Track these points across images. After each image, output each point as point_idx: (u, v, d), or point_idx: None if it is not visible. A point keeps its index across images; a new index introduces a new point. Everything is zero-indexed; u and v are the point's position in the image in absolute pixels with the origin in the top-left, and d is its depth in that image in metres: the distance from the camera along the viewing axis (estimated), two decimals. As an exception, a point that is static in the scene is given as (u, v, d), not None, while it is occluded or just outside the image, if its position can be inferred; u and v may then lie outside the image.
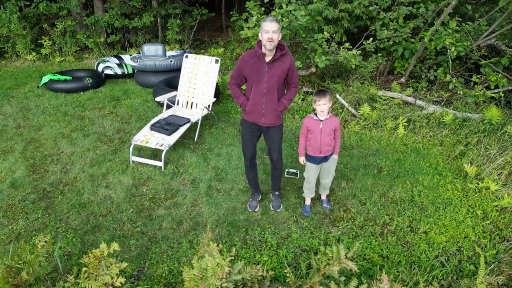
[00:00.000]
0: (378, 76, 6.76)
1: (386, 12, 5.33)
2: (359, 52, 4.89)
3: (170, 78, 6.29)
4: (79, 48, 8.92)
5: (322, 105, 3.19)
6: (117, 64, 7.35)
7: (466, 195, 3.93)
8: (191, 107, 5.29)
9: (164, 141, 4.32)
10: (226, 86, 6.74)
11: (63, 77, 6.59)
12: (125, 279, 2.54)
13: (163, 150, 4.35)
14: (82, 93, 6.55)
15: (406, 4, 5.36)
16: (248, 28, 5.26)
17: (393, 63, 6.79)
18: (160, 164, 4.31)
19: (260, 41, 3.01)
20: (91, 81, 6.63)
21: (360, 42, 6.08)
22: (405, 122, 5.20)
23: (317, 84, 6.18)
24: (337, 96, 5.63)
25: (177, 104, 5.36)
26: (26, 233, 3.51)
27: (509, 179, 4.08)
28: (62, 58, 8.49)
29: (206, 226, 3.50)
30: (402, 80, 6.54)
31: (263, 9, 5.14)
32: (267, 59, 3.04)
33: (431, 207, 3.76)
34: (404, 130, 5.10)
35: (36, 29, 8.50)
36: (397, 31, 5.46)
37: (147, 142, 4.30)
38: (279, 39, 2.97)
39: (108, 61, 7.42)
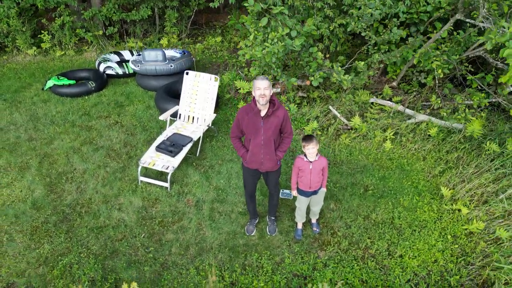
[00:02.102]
0: (370, 77, 7.01)
1: (377, 36, 5.51)
2: (350, 77, 5.16)
3: (170, 85, 6.54)
4: (78, 39, 9.00)
5: (311, 149, 3.58)
6: (117, 63, 7.53)
7: (440, 217, 4.42)
8: (193, 122, 5.62)
9: (169, 163, 4.72)
10: (224, 88, 7.00)
11: (67, 82, 6.82)
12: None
13: (168, 173, 4.75)
14: (86, 97, 6.82)
15: (398, 24, 5.52)
16: (246, 45, 5.47)
17: (385, 67, 7.02)
18: (166, 185, 4.74)
19: (254, 98, 3.33)
20: (94, 84, 6.88)
21: (353, 59, 6.32)
22: (392, 135, 5.58)
23: (311, 91, 6.46)
24: (330, 107, 5.95)
25: (179, 117, 5.68)
26: (53, 257, 4.01)
27: (481, 200, 4.55)
28: (63, 52, 8.61)
29: (211, 251, 4.00)
30: (394, 84, 6.82)
31: (260, 24, 5.31)
32: (262, 113, 3.38)
33: (408, 230, 4.25)
34: (391, 144, 5.49)
35: (34, 22, 8.54)
36: (389, 52, 5.69)
37: (153, 165, 4.70)
38: (271, 94, 3.30)
39: (108, 60, 7.60)
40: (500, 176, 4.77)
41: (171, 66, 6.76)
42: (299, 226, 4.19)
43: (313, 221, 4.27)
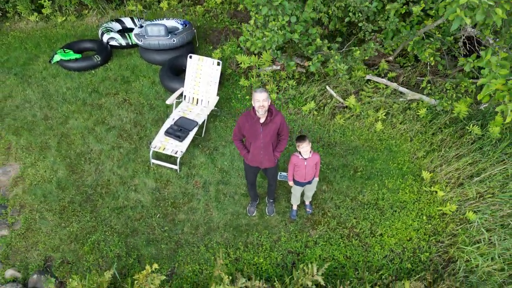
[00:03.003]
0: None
1: (374, 25, 5.66)
2: (346, 67, 5.41)
3: (173, 60, 6.78)
4: (77, 2, 8.94)
5: (305, 147, 4.06)
6: (120, 34, 7.65)
7: (419, 199, 5.01)
8: (197, 103, 5.99)
9: (178, 148, 5.20)
10: (226, 62, 7.23)
11: (73, 56, 7.03)
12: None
13: (177, 157, 5.24)
14: (93, 71, 7.08)
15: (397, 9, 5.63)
16: (247, 30, 5.64)
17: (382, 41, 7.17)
18: (176, 167, 5.27)
19: (254, 107, 3.73)
20: (99, 58, 7.10)
21: (349, 43, 6.48)
22: (384, 115, 5.97)
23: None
24: (327, 87, 6.27)
25: (184, 98, 6.04)
26: (81, 235, 4.67)
27: (457, 183, 5.10)
28: (64, 18, 8.63)
29: (217, 230, 4.65)
30: (390, 58, 7.04)
31: (260, 19, 5.43)
32: (261, 120, 3.80)
33: (389, 211, 4.86)
34: (382, 125, 5.91)
35: (33, -14, 8.46)
36: (383, 43, 5.88)
37: (163, 149, 5.19)
38: (269, 104, 3.70)
39: (111, 30, 7.71)
40: (477, 159, 5.27)
41: (174, 40, 6.92)
42: (294, 207, 4.79)
43: (307, 203, 4.86)
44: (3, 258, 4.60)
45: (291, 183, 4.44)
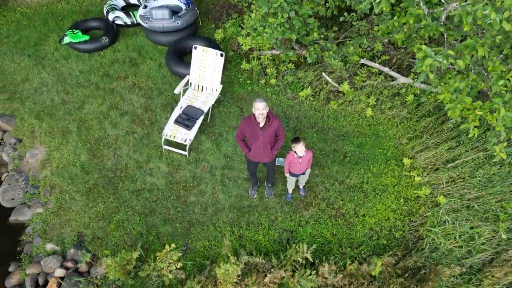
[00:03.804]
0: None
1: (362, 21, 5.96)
2: (340, 63, 5.83)
3: (178, 43, 7.14)
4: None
5: (299, 147, 4.68)
6: (124, 13, 7.89)
7: (398, 182, 5.72)
8: (202, 90, 6.49)
9: (186, 136, 5.82)
10: (228, 42, 7.57)
11: (82, 38, 7.36)
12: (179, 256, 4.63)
13: (186, 145, 5.88)
14: (102, 53, 7.47)
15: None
16: (248, 22, 5.98)
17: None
18: (185, 153, 5.93)
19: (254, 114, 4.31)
20: (107, 40, 7.45)
21: (343, 36, 6.77)
22: (374, 101, 6.50)
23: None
24: (323, 74, 6.71)
25: (190, 86, 6.53)
26: (107, 214, 5.47)
27: (433, 168, 5.79)
28: (68, -8, 8.77)
29: (223, 211, 5.43)
30: (385, 40, 7.37)
31: (260, 12, 5.73)
32: (261, 125, 4.40)
33: (372, 194, 5.61)
34: (372, 111, 6.45)
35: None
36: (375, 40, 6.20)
37: (174, 137, 5.81)
38: (267, 111, 4.27)
39: (116, 8, 7.94)
40: (453, 146, 5.90)
41: (177, 23, 7.23)
42: (290, 191, 5.53)
43: (301, 187, 5.58)
44: (42, 233, 5.44)
45: (287, 174, 5.12)
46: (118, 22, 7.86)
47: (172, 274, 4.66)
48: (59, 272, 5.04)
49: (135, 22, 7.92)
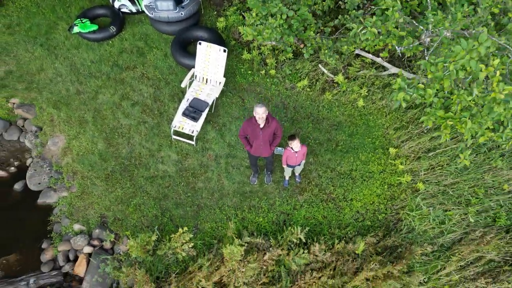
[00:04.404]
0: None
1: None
2: (334, 61, 6.28)
3: (182, 34, 7.52)
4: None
5: (295, 144, 5.32)
6: (129, 0, 8.19)
7: (384, 170, 6.40)
8: (206, 82, 7.00)
9: (193, 128, 6.42)
10: (230, 30, 7.94)
11: (91, 28, 7.73)
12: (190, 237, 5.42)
13: (194, 136, 6.49)
14: (110, 42, 7.88)
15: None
16: (248, 19, 6.36)
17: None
18: (192, 142, 6.56)
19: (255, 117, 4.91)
20: (115, 29, 7.83)
21: (338, 32, 7.09)
22: (366, 92, 7.02)
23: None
24: (319, 65, 7.18)
25: (195, 78, 7.03)
26: (125, 198, 6.21)
27: (416, 156, 6.44)
28: (72, -24, 8.95)
29: (228, 196, 6.16)
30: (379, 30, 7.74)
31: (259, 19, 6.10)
32: (261, 126, 5.02)
33: (360, 180, 6.31)
34: (363, 102, 6.99)
35: None
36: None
37: (182, 128, 6.42)
38: (266, 114, 4.87)
39: (121, -5, 8.24)
40: (436, 135, 6.51)
41: (181, 14, 7.57)
42: (286, 178, 6.23)
43: (296, 174, 6.27)
44: (68, 214, 6.21)
45: (284, 166, 5.79)
46: (124, 10, 8.17)
47: (185, 252, 5.47)
48: (87, 249, 5.86)
49: (140, 10, 8.24)
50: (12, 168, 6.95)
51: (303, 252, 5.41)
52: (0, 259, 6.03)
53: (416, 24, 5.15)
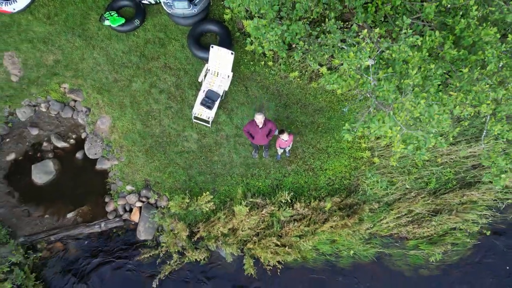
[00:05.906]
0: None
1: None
2: (317, 66, 8.02)
3: (196, 28, 9.10)
4: None
5: (284, 136, 7.48)
6: (149, -8, 9.56)
7: (352, 146, 8.61)
8: (217, 75, 8.84)
9: (209, 114, 8.49)
10: (235, 23, 9.47)
11: (119, 21, 9.23)
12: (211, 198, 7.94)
13: (209, 121, 8.58)
14: (136, 33, 9.47)
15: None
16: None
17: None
18: (209, 125, 8.69)
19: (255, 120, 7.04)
20: (138, 22, 9.38)
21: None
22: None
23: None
24: (307, 59, 8.91)
25: (209, 71, 8.86)
26: (162, 167, 8.57)
27: (376, 137, 8.59)
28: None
29: (236, 167, 8.50)
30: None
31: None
32: (260, 126, 7.17)
33: (333, 155, 8.57)
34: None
35: None
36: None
37: (200, 115, 8.49)
38: (264, 119, 7.01)
39: (141, -13, 9.58)
40: (393, 121, 8.58)
41: (194, 10, 9.08)
42: (279, 153, 8.49)
43: (287, 150, 8.52)
44: (121, 178, 8.64)
45: (277, 148, 8.01)
46: (145, 1, 9.59)
47: (208, 207, 8.00)
48: (138, 204, 8.41)
49: (158, 1, 9.65)
50: (72, 140, 9.18)
51: (289, 208, 7.93)
52: (77, 209, 8.62)
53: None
